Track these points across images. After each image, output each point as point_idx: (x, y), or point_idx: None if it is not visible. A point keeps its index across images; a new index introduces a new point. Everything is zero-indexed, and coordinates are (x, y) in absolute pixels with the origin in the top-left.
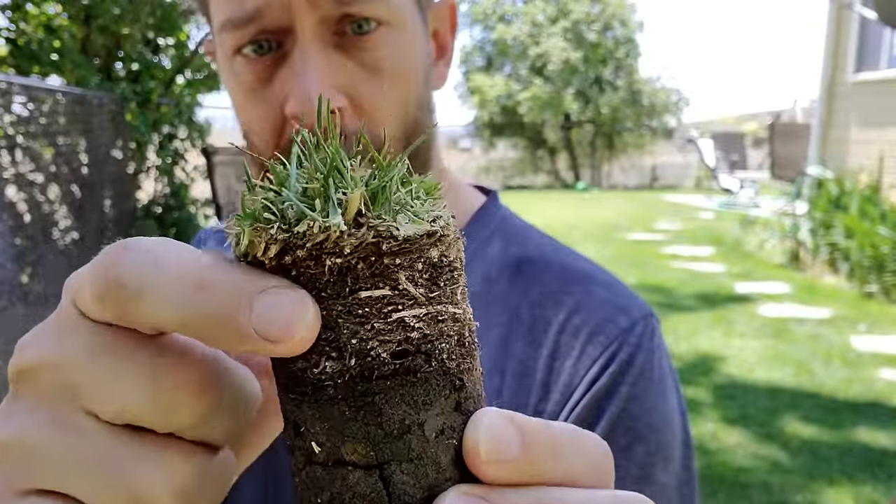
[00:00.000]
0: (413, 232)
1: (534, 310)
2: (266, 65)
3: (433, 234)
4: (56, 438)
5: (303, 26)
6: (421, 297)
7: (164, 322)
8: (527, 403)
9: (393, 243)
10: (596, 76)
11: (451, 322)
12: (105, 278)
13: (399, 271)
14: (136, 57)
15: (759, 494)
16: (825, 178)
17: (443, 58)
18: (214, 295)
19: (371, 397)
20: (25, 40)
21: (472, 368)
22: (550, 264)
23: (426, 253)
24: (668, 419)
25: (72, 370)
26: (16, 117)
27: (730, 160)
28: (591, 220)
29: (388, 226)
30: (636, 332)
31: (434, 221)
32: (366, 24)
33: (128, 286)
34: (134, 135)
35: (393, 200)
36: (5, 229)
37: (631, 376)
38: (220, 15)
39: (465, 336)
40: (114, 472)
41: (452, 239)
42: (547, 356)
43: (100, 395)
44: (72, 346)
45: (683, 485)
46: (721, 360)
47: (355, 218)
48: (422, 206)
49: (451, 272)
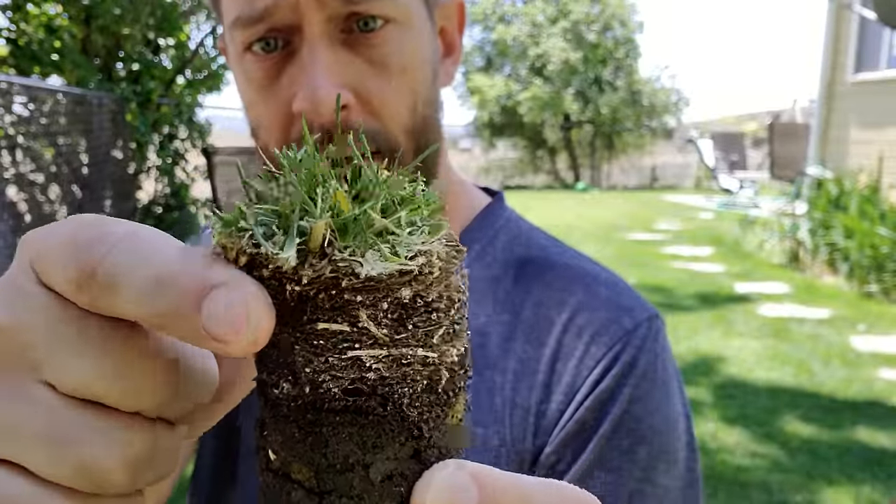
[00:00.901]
0: (379, 271)
1: (537, 310)
2: (275, 62)
3: (406, 272)
4: (13, 406)
5: (310, 24)
6: (383, 337)
7: (130, 316)
8: (528, 403)
9: (354, 280)
10: (596, 76)
11: (420, 366)
12: (80, 266)
13: (360, 309)
14: (137, 57)
15: (759, 494)
16: (825, 179)
17: (450, 56)
18: (170, 291)
19: (319, 427)
20: (26, 40)
21: (440, 417)
22: (554, 265)
23: (395, 293)
24: (672, 421)
25: (33, 338)
26: (16, 117)
27: (729, 160)
28: (591, 220)
29: (351, 262)
30: (640, 334)
31: (414, 258)
32: (372, 21)
33: (100, 279)
34: (134, 135)
35: (371, 230)
36: (6, 229)
37: (634, 378)
38: (231, 13)
39: (437, 382)
40: (68, 444)
41: (437, 277)
42: (549, 356)
43: (62, 368)
44: (33, 313)
45: (687, 488)
46: (721, 360)
47: (322, 247)
48: (410, 235)
49: (429, 313)
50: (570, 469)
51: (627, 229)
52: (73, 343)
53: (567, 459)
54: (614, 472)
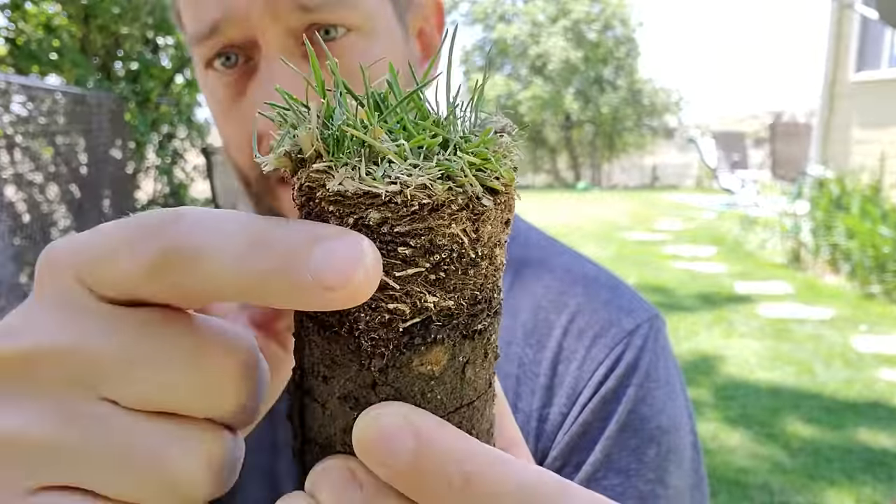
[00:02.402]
0: (345, 188)
1: (536, 312)
2: (236, 78)
3: (373, 195)
4: (74, 428)
5: (266, 38)
6: None
7: (222, 288)
8: (530, 408)
9: (325, 192)
10: (596, 76)
11: (378, 294)
12: (157, 247)
13: (331, 218)
14: (136, 56)
15: (760, 495)
16: (826, 178)
17: (429, 58)
18: (271, 250)
19: (300, 328)
20: (24, 39)
21: (399, 358)
22: (553, 267)
23: (361, 212)
24: (678, 421)
25: (89, 356)
26: (15, 117)
27: (731, 160)
28: (592, 219)
29: (323, 175)
30: (641, 334)
31: (392, 184)
32: (333, 30)
33: (184, 253)
34: (133, 134)
35: (366, 150)
36: (5, 229)
37: (638, 378)
38: (189, 29)
39: (398, 320)
40: (144, 460)
41: (415, 212)
42: (551, 359)
43: (128, 382)
44: (88, 329)
45: (694, 488)
46: (722, 361)
47: (316, 156)
48: (413, 166)
49: (396, 244)
50: (577, 472)
51: (628, 229)
52: (137, 351)
53: (573, 463)
54: (622, 473)
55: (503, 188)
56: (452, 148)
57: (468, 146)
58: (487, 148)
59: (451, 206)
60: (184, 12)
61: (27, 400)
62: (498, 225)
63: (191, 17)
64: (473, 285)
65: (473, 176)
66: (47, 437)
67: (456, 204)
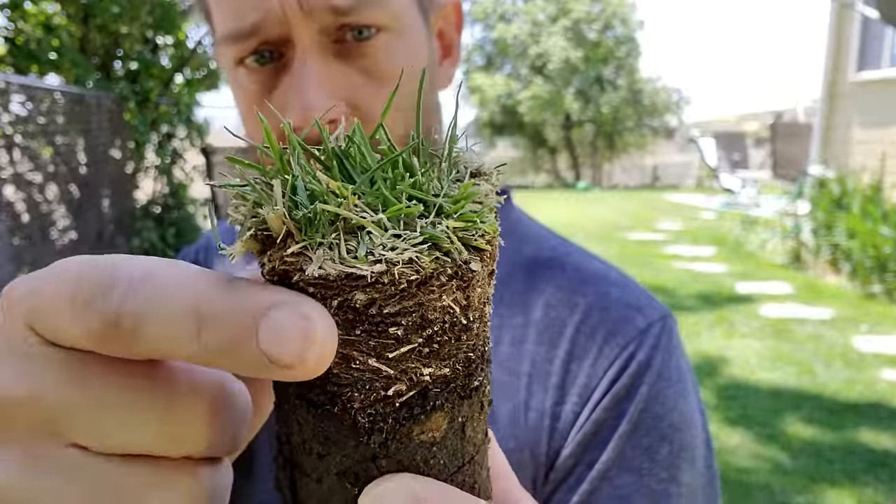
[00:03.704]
0: (326, 272)
1: (548, 311)
2: (268, 74)
3: (357, 277)
4: (41, 476)
5: (301, 37)
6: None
7: (167, 357)
8: (543, 406)
9: (302, 275)
10: (596, 75)
11: (372, 376)
12: (100, 316)
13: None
14: (135, 56)
15: (761, 495)
16: (827, 178)
17: (448, 58)
18: (217, 326)
19: (284, 403)
20: (24, 39)
21: (400, 430)
22: (564, 265)
23: (346, 294)
24: (690, 419)
25: (50, 404)
26: (14, 116)
27: (731, 160)
28: (592, 219)
29: (300, 258)
30: (654, 333)
31: (377, 263)
32: (366, 30)
33: (124, 326)
34: (132, 134)
35: (343, 225)
36: (3, 229)
37: (651, 376)
38: (222, 28)
39: (396, 396)
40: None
41: (403, 290)
42: (563, 358)
43: (93, 428)
44: (44, 376)
45: (707, 486)
46: (722, 361)
47: (286, 238)
48: (396, 237)
49: (386, 325)
50: (589, 471)
51: (628, 229)
52: (102, 398)
53: (585, 461)
54: (635, 471)
55: (487, 245)
56: (434, 211)
57: (451, 209)
58: (472, 206)
59: (440, 278)
60: (216, 12)
61: None
62: (486, 283)
63: (225, 18)
64: (467, 348)
65: (458, 240)
66: (14, 483)
67: (445, 275)
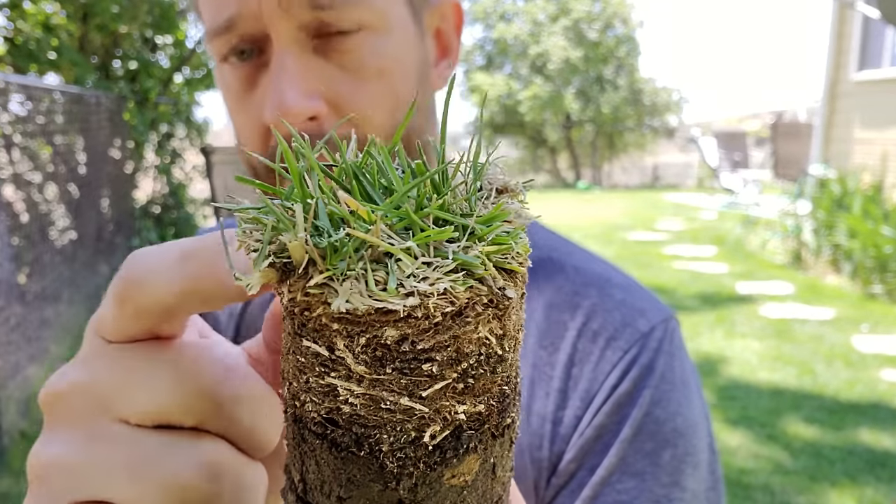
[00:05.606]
0: (354, 306)
1: (549, 313)
2: (249, 71)
3: (388, 312)
4: (94, 450)
5: (279, 34)
6: (361, 373)
7: (169, 297)
8: (545, 411)
9: (327, 309)
10: (597, 75)
11: (403, 416)
12: (118, 284)
13: (337, 337)
14: (134, 55)
15: (762, 496)
16: (828, 178)
17: (446, 58)
18: (197, 258)
19: (302, 443)
20: (23, 38)
21: (430, 474)
22: (565, 267)
23: (375, 331)
24: (694, 423)
25: (102, 386)
26: (13, 116)
27: (732, 159)
28: (593, 219)
29: (325, 290)
30: (656, 336)
31: (410, 296)
32: (346, 24)
33: (133, 279)
34: (132, 134)
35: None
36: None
37: (653, 380)
38: (206, 23)
39: (429, 437)
40: (149, 468)
41: (439, 324)
42: (565, 362)
43: (129, 400)
44: (99, 366)
45: (710, 490)
46: (723, 361)
47: (308, 266)
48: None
49: (419, 362)
50: (591, 475)
51: (629, 229)
52: (135, 375)
53: (587, 466)
54: (638, 476)
55: (520, 266)
56: (466, 235)
57: (484, 231)
58: (504, 229)
59: (476, 308)
60: (202, 8)
61: (64, 429)
62: (520, 309)
63: (208, 13)
64: (501, 380)
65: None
66: (79, 458)
67: (480, 304)
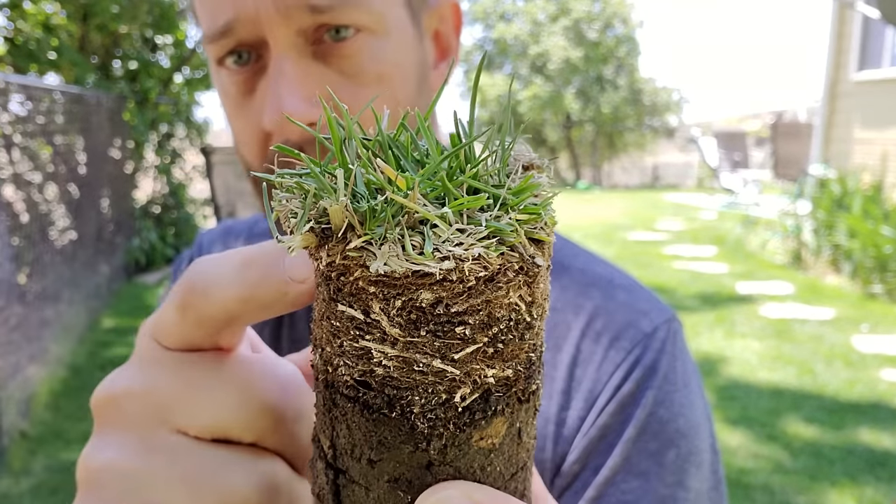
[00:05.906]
0: (392, 268)
1: (552, 314)
2: (247, 76)
3: (425, 275)
4: (151, 458)
5: (276, 38)
6: (395, 336)
7: (231, 304)
8: (548, 412)
9: (365, 272)
10: (597, 75)
11: (435, 378)
12: (181, 291)
13: (373, 300)
14: (135, 55)
15: (762, 496)
16: (828, 178)
17: (445, 59)
18: (256, 264)
19: (334, 407)
20: (23, 38)
21: (459, 436)
22: (569, 268)
23: (411, 293)
24: (697, 423)
25: (160, 394)
26: (13, 116)
27: (732, 159)
28: (593, 219)
29: (364, 253)
30: (659, 336)
31: (445, 259)
32: (344, 30)
33: (197, 287)
34: (132, 134)
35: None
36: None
37: (656, 380)
38: (202, 28)
39: (459, 399)
40: (208, 482)
41: (472, 288)
42: (568, 362)
43: (191, 412)
44: (157, 373)
45: (713, 490)
46: (723, 361)
47: (344, 231)
48: (461, 232)
49: (453, 325)
50: (595, 476)
51: (629, 229)
52: (199, 386)
53: (591, 466)
54: (642, 476)
55: (547, 237)
56: (498, 204)
57: (514, 201)
58: (535, 200)
59: (507, 273)
60: (199, 11)
61: (118, 435)
62: (547, 279)
63: (204, 16)
64: (528, 348)
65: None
66: (135, 465)
67: (511, 270)
